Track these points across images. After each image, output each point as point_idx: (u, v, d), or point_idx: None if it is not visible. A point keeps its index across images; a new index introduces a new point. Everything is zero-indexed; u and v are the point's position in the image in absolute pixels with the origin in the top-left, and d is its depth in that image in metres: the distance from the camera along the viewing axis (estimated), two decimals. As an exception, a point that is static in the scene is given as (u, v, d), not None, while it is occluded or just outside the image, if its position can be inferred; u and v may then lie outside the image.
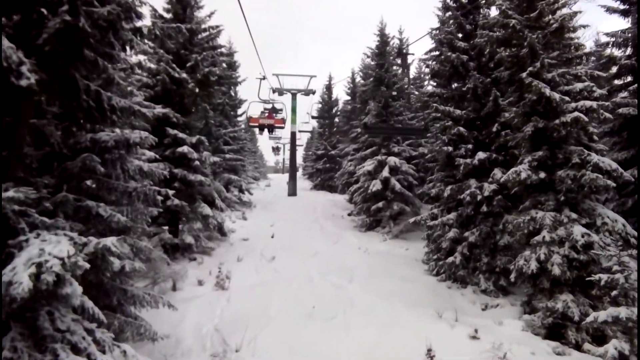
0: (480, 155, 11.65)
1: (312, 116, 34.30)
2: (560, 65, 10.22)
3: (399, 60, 23.72)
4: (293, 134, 32.87)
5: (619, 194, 11.72)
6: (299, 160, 50.91)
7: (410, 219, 18.13)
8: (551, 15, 10.40)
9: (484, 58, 13.28)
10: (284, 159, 72.19)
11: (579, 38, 11.46)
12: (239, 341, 7.89)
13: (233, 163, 24.42)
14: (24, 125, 5.61)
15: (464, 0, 13.65)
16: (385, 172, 18.59)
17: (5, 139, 5.33)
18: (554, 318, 8.36)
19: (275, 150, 57.38)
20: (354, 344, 7.76)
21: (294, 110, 32.01)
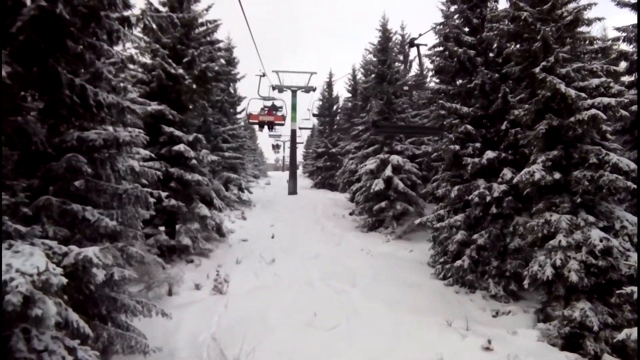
0: (489, 154, 11.16)
1: (313, 114, 33.81)
2: (574, 60, 9.72)
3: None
4: (293, 132, 32.38)
5: (631, 195, 11.23)
6: (299, 158, 50.42)
7: (413, 220, 17.70)
8: (564, 8, 9.90)
9: (492, 53, 12.79)
10: (284, 157, 71.76)
11: (589, 32, 10.99)
12: (237, 352, 7.41)
13: (232, 161, 23.95)
14: (-2, 122, 5.11)
15: (470, -7, 13.14)
16: (388, 171, 18.10)
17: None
18: (571, 327, 7.89)
19: (275, 147, 56.97)
20: (359, 357, 7.30)
21: (294, 107, 31.52)
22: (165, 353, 7.43)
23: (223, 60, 22.42)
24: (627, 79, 12.79)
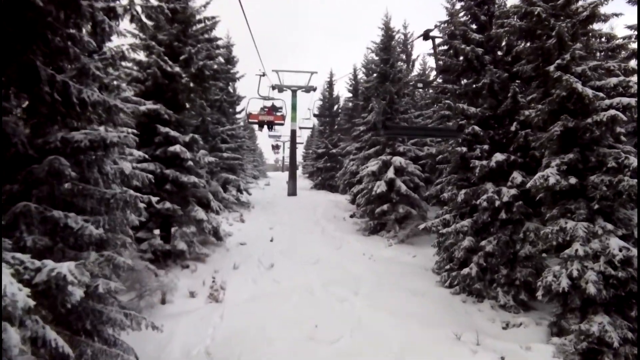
0: (498, 156, 10.67)
1: (314, 114, 33.35)
2: (590, 58, 9.24)
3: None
4: (293, 132, 31.90)
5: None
6: (299, 158, 49.92)
7: (416, 223, 17.23)
8: (578, 2, 9.42)
9: (500, 51, 12.32)
10: (283, 157, 71.24)
11: (601, 29, 10.52)
12: (232, 369, 6.94)
13: (231, 162, 23.46)
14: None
15: (478, -11, 12.63)
16: (390, 173, 17.62)
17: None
18: (588, 343, 7.39)
19: (275, 148, 56.46)
20: (364, 374, 6.82)
21: (294, 107, 31.05)
22: (155, 370, 6.95)
23: (222, 59, 21.96)
24: None
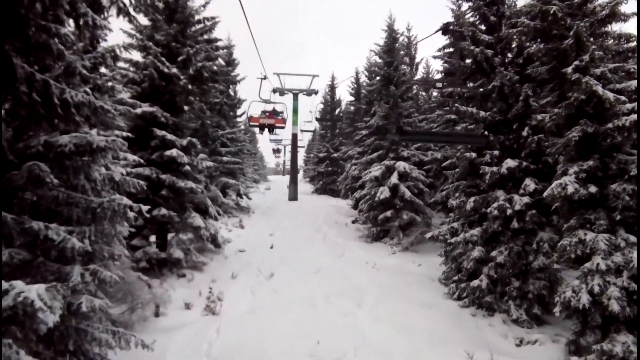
0: (509, 162, 10.17)
1: (316, 118, 32.95)
2: (609, 59, 8.76)
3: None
4: (294, 136, 31.47)
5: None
6: (300, 162, 49.46)
7: (421, 230, 16.79)
8: (597, 1, 8.96)
9: (510, 53, 11.85)
10: (284, 161, 70.82)
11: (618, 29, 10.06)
12: (228, 392, 6.43)
13: (231, 166, 23.00)
14: None
15: (487, -12, 12.18)
16: (394, 179, 17.14)
17: None
18: (611, 364, 6.88)
19: (276, 152, 56.03)
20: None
21: (295, 111, 30.64)
22: (144, 393, 6.45)
23: (222, 61, 21.54)
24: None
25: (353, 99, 32.28)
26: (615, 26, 9.00)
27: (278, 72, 29.56)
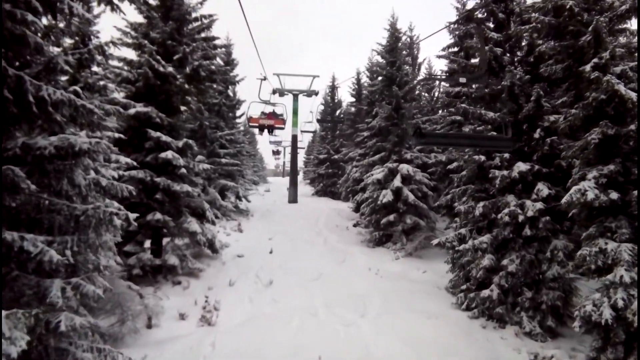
0: (521, 166, 9.68)
1: (317, 119, 32.48)
2: (627, 57, 8.28)
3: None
4: (294, 137, 30.98)
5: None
6: (300, 164, 48.94)
7: (425, 235, 16.27)
8: (614, -4, 8.50)
9: (520, 51, 11.37)
10: (284, 163, 70.31)
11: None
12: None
13: (229, 168, 22.49)
14: None
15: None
16: (397, 182, 16.62)
17: None
18: (637, 385, 6.38)
19: (276, 153, 55.54)
20: None
21: (295, 112, 30.15)
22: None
23: (220, 61, 21.04)
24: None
25: (354, 100, 31.79)
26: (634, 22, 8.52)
27: (278, 73, 29.12)
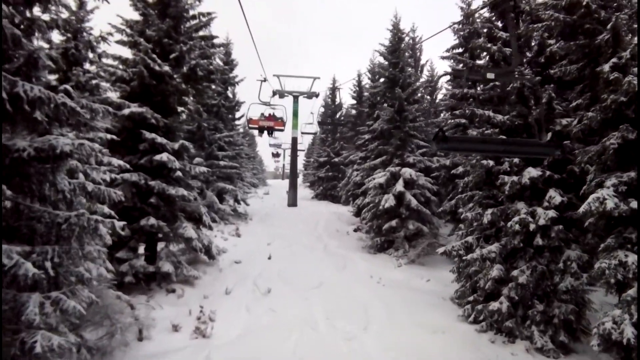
0: (532, 172, 9.23)
1: (318, 122, 32.09)
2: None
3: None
4: (294, 140, 30.56)
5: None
6: (300, 166, 48.49)
7: (428, 241, 15.83)
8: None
9: (529, 52, 10.95)
10: (284, 165, 69.91)
11: None
12: None
13: (228, 170, 22.05)
14: None
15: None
16: (399, 186, 16.18)
17: None
18: (663, 410, 5.93)
19: (275, 156, 55.09)
20: None
21: (295, 114, 29.75)
22: None
23: (219, 61, 20.63)
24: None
25: (355, 102, 31.39)
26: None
27: (278, 74, 28.77)
